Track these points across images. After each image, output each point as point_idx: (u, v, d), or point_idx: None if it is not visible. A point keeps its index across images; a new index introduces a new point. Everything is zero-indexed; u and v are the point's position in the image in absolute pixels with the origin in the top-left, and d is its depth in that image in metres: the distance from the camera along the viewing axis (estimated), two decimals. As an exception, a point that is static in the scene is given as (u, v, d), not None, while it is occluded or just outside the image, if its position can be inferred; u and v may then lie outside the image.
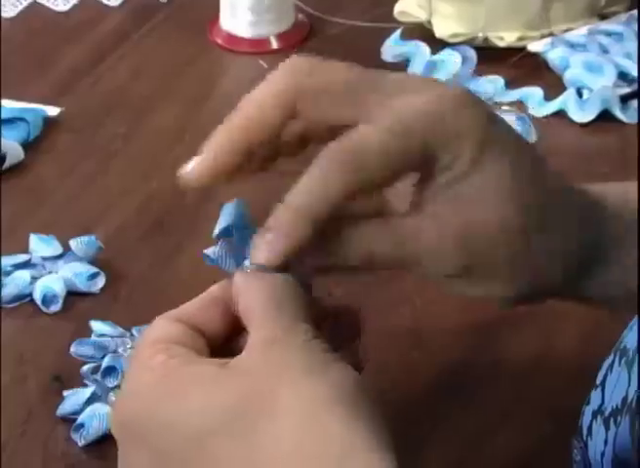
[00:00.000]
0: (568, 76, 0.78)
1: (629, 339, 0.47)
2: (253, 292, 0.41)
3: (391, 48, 0.81)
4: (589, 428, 0.47)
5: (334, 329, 0.45)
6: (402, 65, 0.80)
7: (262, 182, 0.60)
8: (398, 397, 0.56)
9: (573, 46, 0.80)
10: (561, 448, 0.52)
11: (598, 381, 0.48)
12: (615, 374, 0.47)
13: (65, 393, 0.57)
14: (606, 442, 0.46)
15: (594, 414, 0.47)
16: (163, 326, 0.41)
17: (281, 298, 0.41)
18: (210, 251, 0.45)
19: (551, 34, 0.81)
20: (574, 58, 0.78)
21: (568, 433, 0.51)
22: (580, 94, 0.76)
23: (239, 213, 0.45)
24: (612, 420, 0.45)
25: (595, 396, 0.47)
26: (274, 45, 0.84)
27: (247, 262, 0.43)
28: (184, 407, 0.38)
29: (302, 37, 0.85)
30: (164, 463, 0.39)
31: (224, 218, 0.45)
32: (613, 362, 0.47)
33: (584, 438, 0.47)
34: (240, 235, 0.45)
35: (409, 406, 0.56)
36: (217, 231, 0.45)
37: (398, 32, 0.81)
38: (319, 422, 0.37)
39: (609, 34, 0.80)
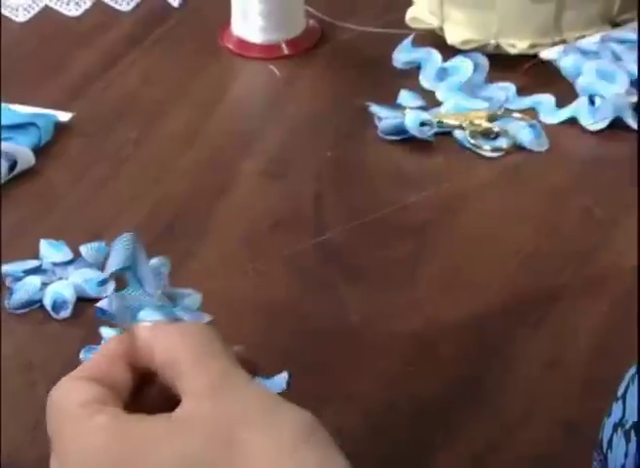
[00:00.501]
0: (580, 84, 0.77)
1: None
2: (177, 347, 0.40)
3: (403, 54, 0.81)
4: (610, 441, 0.46)
5: None
6: (413, 72, 0.80)
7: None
8: (409, 405, 0.56)
9: (585, 53, 0.79)
10: (575, 458, 0.52)
11: (619, 394, 0.47)
12: (636, 387, 0.46)
13: (75, 400, 0.57)
14: (626, 454, 0.45)
15: (615, 427, 0.47)
16: (83, 388, 0.40)
17: (211, 347, 0.40)
18: (104, 304, 0.44)
19: (563, 42, 0.81)
20: (586, 66, 0.78)
21: (581, 443, 0.51)
22: (592, 101, 0.76)
23: (132, 249, 0.44)
24: (632, 432, 0.45)
25: (616, 409, 0.47)
26: (285, 50, 0.84)
27: (144, 317, 0.43)
28: (151, 465, 0.38)
29: (313, 43, 0.85)
30: None
31: (116, 258, 0.43)
32: (634, 374, 0.47)
33: (604, 451, 0.47)
34: (134, 275, 0.44)
35: (421, 414, 0.56)
36: (109, 271, 0.44)
37: (410, 39, 0.81)
38: (296, 455, 0.37)
39: (621, 42, 0.80)
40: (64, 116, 0.77)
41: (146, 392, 0.42)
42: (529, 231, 0.67)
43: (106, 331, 0.60)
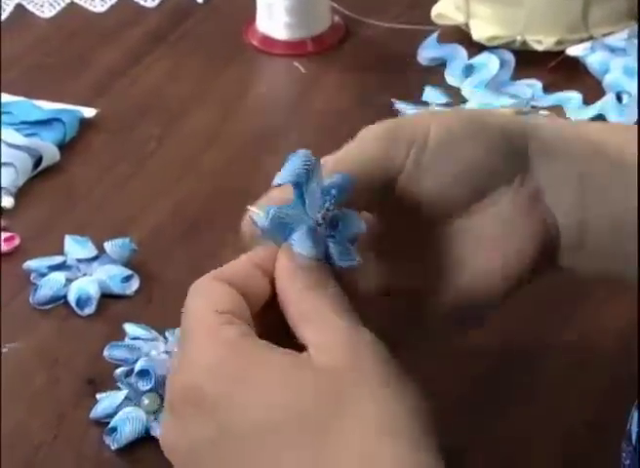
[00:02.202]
0: (607, 80, 0.77)
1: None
2: (304, 298, 0.41)
3: (428, 51, 0.81)
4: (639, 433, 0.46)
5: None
6: (439, 69, 0.80)
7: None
8: (434, 405, 0.56)
9: (612, 50, 0.79)
10: (602, 455, 0.52)
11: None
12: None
13: (99, 396, 0.57)
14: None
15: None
16: (221, 292, 0.40)
17: (337, 304, 0.40)
18: (257, 216, 0.43)
19: (590, 38, 0.80)
20: (613, 63, 0.77)
21: (608, 441, 0.50)
22: (619, 98, 0.75)
23: (308, 167, 0.42)
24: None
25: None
26: (310, 47, 0.84)
27: (294, 240, 0.41)
28: (261, 395, 0.38)
29: (338, 39, 0.84)
30: (226, 441, 0.38)
31: (287, 170, 0.42)
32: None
33: (634, 442, 0.46)
34: (299, 193, 0.42)
35: (444, 417, 0.55)
36: (278, 181, 0.42)
37: (435, 35, 0.81)
38: (390, 439, 0.37)
39: (649, 38, 0.79)
40: (89, 112, 0.77)
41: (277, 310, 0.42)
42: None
43: (131, 328, 0.60)
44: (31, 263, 0.64)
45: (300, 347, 0.40)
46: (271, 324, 0.41)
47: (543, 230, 0.46)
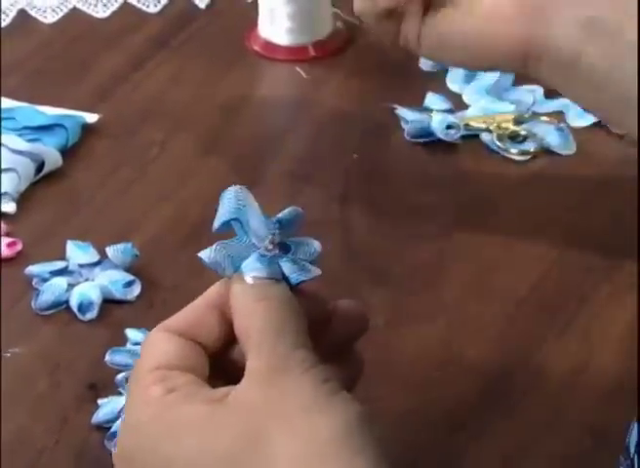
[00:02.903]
0: (608, 87, 0.77)
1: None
2: (250, 314, 0.41)
3: (430, 57, 0.81)
4: (638, 445, 0.46)
5: (336, 330, 0.44)
6: (440, 75, 0.80)
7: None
8: (436, 410, 0.56)
9: (614, 56, 0.79)
10: (601, 463, 0.52)
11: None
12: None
13: (100, 401, 0.57)
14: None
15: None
16: (163, 345, 0.42)
17: (280, 323, 0.40)
18: (205, 253, 0.44)
19: (592, 44, 0.80)
20: (614, 69, 0.77)
21: (609, 448, 0.50)
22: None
23: (241, 203, 0.43)
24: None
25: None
26: (312, 53, 0.84)
27: (245, 266, 0.42)
28: (182, 446, 0.39)
29: (340, 45, 0.85)
30: None
31: (224, 210, 0.43)
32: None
33: (631, 455, 0.46)
34: (241, 228, 0.43)
35: (448, 420, 0.56)
36: (216, 225, 0.43)
37: (437, 41, 0.81)
38: (317, 465, 0.37)
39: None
40: (92, 117, 0.77)
41: (234, 349, 0.43)
42: (556, 235, 0.67)
43: (132, 333, 0.60)
44: (33, 268, 0.65)
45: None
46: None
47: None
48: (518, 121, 0.75)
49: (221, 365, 0.43)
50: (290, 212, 0.44)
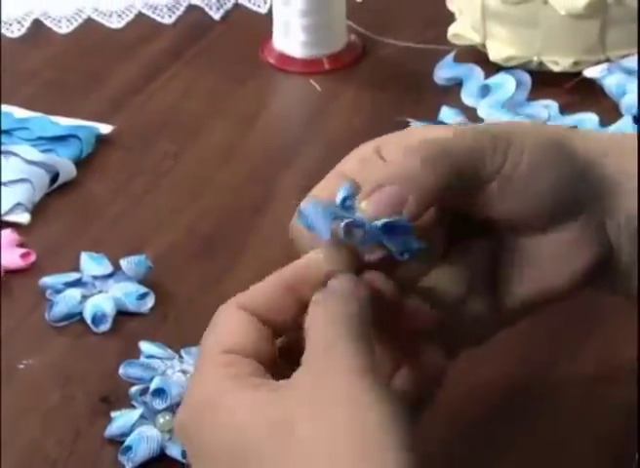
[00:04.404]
0: (625, 102, 0.77)
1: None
2: (320, 319, 0.41)
3: (444, 70, 0.81)
4: None
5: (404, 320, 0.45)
6: (455, 88, 0.80)
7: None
8: (452, 427, 0.56)
9: (629, 72, 0.79)
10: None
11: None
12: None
13: (113, 414, 0.56)
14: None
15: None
16: (236, 327, 0.42)
17: (344, 333, 0.40)
18: (306, 210, 0.43)
19: (608, 60, 0.80)
20: (630, 85, 0.77)
21: (628, 465, 0.50)
22: (636, 120, 0.75)
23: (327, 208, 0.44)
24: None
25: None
26: (326, 65, 0.84)
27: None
28: (234, 422, 0.39)
29: (355, 58, 0.85)
30: (199, 463, 0.40)
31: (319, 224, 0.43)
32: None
33: None
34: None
35: (468, 436, 0.55)
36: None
37: (451, 55, 0.81)
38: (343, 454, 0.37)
39: (667, 61, 0.79)
40: (106, 128, 0.77)
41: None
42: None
43: (146, 346, 0.59)
44: (47, 280, 0.64)
45: None
46: None
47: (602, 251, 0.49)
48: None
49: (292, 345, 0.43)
50: (400, 220, 0.44)
